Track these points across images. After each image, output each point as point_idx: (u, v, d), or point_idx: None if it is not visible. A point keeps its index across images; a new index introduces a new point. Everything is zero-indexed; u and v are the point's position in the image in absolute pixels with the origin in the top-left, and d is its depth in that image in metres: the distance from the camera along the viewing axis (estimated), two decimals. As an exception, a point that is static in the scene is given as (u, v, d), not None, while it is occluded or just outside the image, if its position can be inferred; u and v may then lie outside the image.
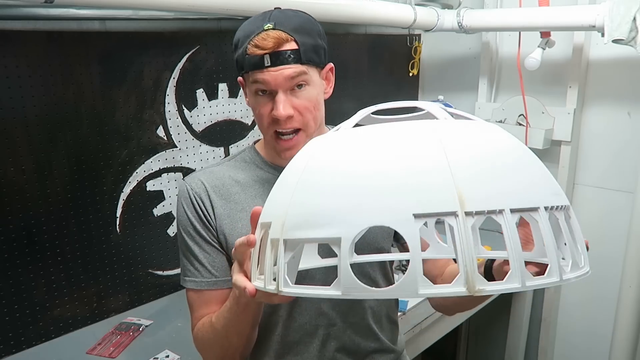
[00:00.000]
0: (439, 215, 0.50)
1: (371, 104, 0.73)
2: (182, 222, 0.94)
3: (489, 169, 0.53)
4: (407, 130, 0.56)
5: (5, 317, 1.35)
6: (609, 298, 1.94)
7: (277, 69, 0.82)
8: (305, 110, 0.87)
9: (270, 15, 0.85)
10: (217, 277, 0.92)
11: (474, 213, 0.49)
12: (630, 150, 1.88)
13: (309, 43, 0.85)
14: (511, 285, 0.49)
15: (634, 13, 1.53)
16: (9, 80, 1.27)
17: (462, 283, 0.48)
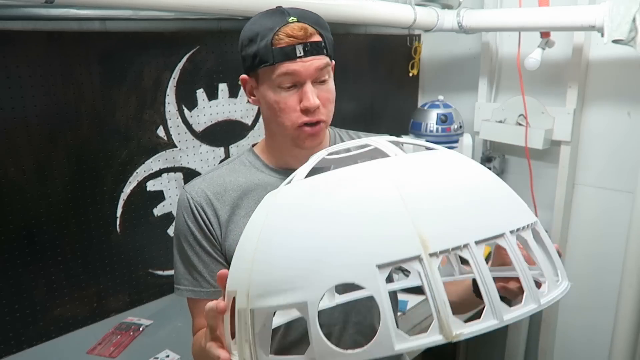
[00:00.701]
0: (403, 262, 0.47)
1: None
2: (182, 231, 0.93)
3: (448, 204, 0.51)
4: (359, 175, 0.54)
5: (5, 317, 1.35)
6: (608, 298, 1.94)
7: (309, 59, 0.82)
8: (328, 102, 0.87)
9: (287, 10, 0.84)
10: (216, 287, 0.91)
11: (439, 253, 0.47)
12: (630, 150, 1.88)
13: (328, 37, 0.86)
14: (488, 323, 0.47)
15: (634, 13, 1.53)
16: (9, 80, 1.28)
17: (437, 331, 0.46)
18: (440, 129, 2.10)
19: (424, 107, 2.17)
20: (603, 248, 2.01)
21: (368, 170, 0.54)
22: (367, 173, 0.54)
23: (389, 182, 0.51)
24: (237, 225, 0.92)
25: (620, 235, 1.89)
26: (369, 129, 1.10)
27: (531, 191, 2.10)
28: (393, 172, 0.53)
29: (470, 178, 0.56)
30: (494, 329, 0.48)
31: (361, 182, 0.53)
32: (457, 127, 2.12)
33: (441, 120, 2.10)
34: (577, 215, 2.08)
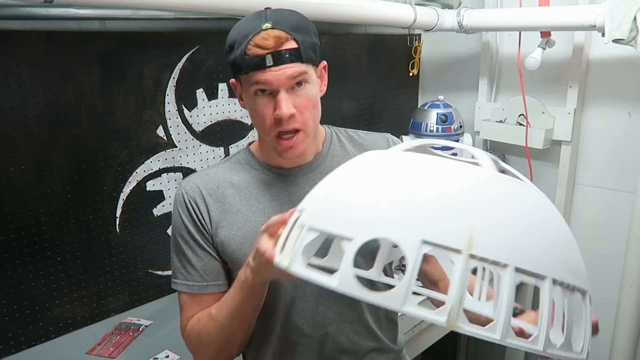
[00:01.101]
0: (446, 249, 0.51)
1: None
2: (177, 226, 0.95)
3: (509, 224, 0.54)
4: (450, 167, 0.59)
5: (5, 317, 1.35)
6: (609, 298, 1.94)
7: (279, 68, 0.81)
8: (305, 109, 0.86)
9: (266, 15, 0.83)
10: (208, 281, 0.93)
11: (478, 258, 0.51)
12: (631, 150, 1.88)
13: (307, 41, 0.84)
14: (490, 334, 0.51)
15: (634, 13, 1.53)
16: (9, 80, 1.28)
17: (446, 314, 0.50)
18: (440, 129, 2.09)
19: (424, 107, 2.17)
20: (603, 248, 2.01)
21: (460, 167, 0.59)
22: (458, 170, 0.59)
23: (470, 184, 0.56)
24: (228, 222, 0.92)
25: (620, 235, 1.89)
26: (369, 129, 1.10)
27: (531, 191, 2.10)
28: (477, 179, 0.57)
29: (545, 216, 0.59)
30: (492, 341, 0.51)
31: (449, 173, 0.58)
32: (457, 127, 2.12)
33: (441, 120, 2.10)
34: (577, 215, 2.08)
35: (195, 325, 0.92)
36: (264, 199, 0.94)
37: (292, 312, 0.94)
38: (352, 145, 1.02)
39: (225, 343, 0.91)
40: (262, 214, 0.93)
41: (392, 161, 0.63)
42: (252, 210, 0.93)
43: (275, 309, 0.94)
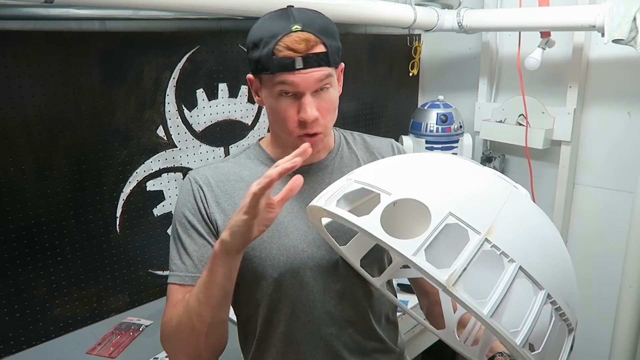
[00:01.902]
0: (467, 226, 0.59)
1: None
2: (178, 213, 0.94)
3: (527, 234, 0.63)
4: (500, 176, 0.70)
5: (5, 317, 1.35)
6: (609, 298, 1.94)
7: (308, 71, 0.82)
8: (327, 113, 0.87)
9: (293, 15, 0.83)
10: (202, 272, 0.89)
11: (492, 245, 0.58)
12: (631, 150, 1.88)
13: (334, 45, 0.85)
14: (480, 307, 0.55)
15: (634, 13, 1.53)
16: (9, 80, 1.28)
17: (447, 274, 0.55)
18: (440, 129, 2.09)
19: (424, 107, 2.17)
20: (603, 248, 2.01)
21: (507, 180, 0.70)
22: (506, 180, 0.70)
23: (508, 191, 0.66)
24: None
25: (620, 235, 1.89)
26: (369, 129, 1.10)
27: (531, 191, 2.10)
28: (514, 193, 0.66)
29: (558, 248, 0.66)
30: (477, 316, 0.55)
31: (498, 178, 0.69)
32: (457, 127, 2.12)
33: (441, 120, 2.10)
34: (577, 215, 2.08)
35: (170, 311, 0.88)
36: (273, 195, 0.94)
37: (297, 310, 0.94)
38: (359, 147, 1.03)
39: (192, 331, 0.85)
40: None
41: (441, 158, 0.74)
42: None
43: (281, 306, 0.94)
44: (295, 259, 0.92)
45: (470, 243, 0.57)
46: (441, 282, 0.55)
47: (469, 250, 0.57)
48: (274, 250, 0.92)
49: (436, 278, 0.55)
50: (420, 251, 0.57)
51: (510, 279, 0.57)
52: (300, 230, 0.93)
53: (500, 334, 0.55)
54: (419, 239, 0.58)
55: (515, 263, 0.58)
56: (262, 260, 0.92)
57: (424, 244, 0.57)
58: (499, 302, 0.56)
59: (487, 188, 0.66)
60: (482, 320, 0.55)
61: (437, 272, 0.55)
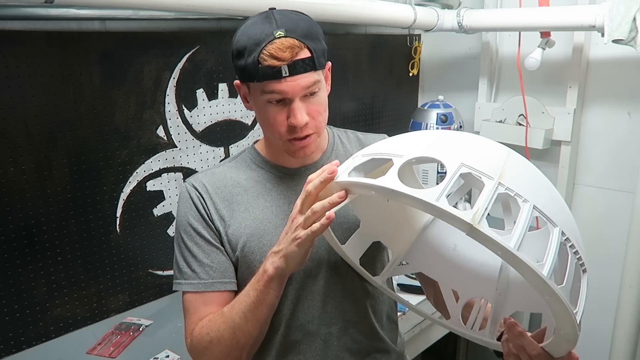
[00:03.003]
0: (480, 173, 0.63)
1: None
2: (182, 223, 0.93)
3: (535, 179, 0.68)
4: (488, 140, 0.74)
5: (5, 317, 1.35)
6: (609, 298, 1.94)
7: (295, 78, 0.81)
8: (317, 115, 0.87)
9: (275, 19, 0.82)
10: (215, 278, 0.90)
11: (506, 187, 0.62)
12: (630, 150, 1.88)
13: (319, 48, 0.84)
14: (506, 242, 0.57)
15: (634, 13, 1.53)
16: (9, 80, 1.28)
17: (471, 214, 0.57)
18: (440, 129, 2.09)
19: (424, 107, 2.17)
20: (603, 248, 2.01)
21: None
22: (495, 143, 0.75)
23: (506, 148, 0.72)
24: (236, 220, 0.92)
25: (620, 235, 1.88)
26: (369, 129, 1.10)
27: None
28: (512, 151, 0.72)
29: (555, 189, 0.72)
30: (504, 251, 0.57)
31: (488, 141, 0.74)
32: (457, 127, 2.12)
33: (441, 120, 2.10)
34: (577, 215, 2.07)
35: (205, 325, 0.87)
36: (271, 197, 0.95)
37: (298, 310, 0.94)
38: (353, 145, 1.03)
39: (236, 345, 0.85)
40: (270, 212, 0.93)
41: (440, 130, 0.79)
42: (259, 209, 0.93)
43: (281, 307, 0.94)
44: None
45: (486, 187, 0.61)
46: (466, 221, 0.57)
47: (487, 192, 0.60)
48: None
49: (461, 218, 0.57)
50: (442, 197, 0.59)
51: (527, 216, 0.60)
52: None
53: (529, 265, 0.56)
54: (437, 187, 0.60)
55: (529, 202, 0.61)
56: (262, 261, 0.92)
57: (444, 190, 0.60)
58: (522, 237, 0.58)
59: (489, 145, 0.71)
60: (509, 254, 0.56)
61: (461, 213, 0.57)
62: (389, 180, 0.64)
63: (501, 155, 0.68)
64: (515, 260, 0.57)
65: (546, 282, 0.57)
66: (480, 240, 0.58)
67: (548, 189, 0.69)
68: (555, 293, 0.58)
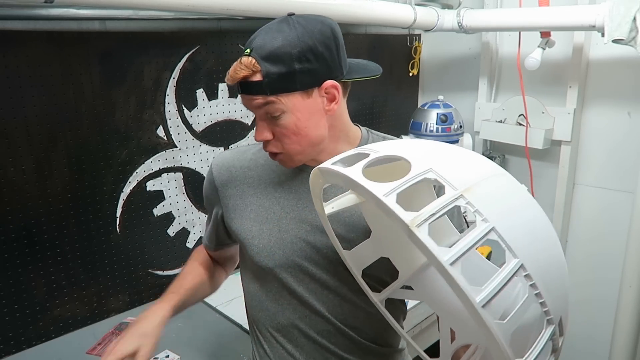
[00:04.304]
0: (445, 182, 0.59)
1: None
2: (204, 193, 1.08)
3: (514, 210, 0.61)
4: (479, 156, 0.70)
5: (5, 317, 1.35)
6: (609, 298, 1.94)
7: (247, 97, 0.85)
8: (283, 137, 0.87)
9: (265, 31, 0.84)
10: (208, 245, 1.14)
11: (467, 202, 0.57)
12: (631, 150, 1.88)
13: (275, 72, 0.81)
14: (441, 254, 0.52)
15: (634, 13, 1.53)
16: (9, 80, 1.28)
17: (412, 215, 0.55)
18: (440, 129, 2.09)
19: (424, 107, 2.17)
20: (603, 248, 2.01)
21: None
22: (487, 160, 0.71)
23: (503, 172, 0.67)
24: (244, 203, 0.97)
25: (620, 235, 1.88)
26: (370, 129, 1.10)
27: (531, 191, 2.10)
28: (499, 170, 0.67)
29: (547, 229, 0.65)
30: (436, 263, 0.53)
31: (477, 156, 0.70)
32: (457, 127, 2.12)
33: (441, 120, 2.10)
34: (577, 215, 2.08)
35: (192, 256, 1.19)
36: (282, 190, 0.96)
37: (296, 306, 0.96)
38: None
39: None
40: (277, 203, 0.95)
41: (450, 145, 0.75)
42: (267, 197, 0.96)
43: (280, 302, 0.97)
44: (292, 255, 0.93)
45: (444, 196, 0.57)
46: (405, 222, 0.54)
47: (441, 200, 0.56)
48: (271, 242, 0.94)
49: (401, 217, 0.54)
50: (392, 194, 0.57)
51: (479, 235, 0.54)
52: (302, 229, 0.94)
53: (460, 287, 0.51)
54: (393, 183, 0.58)
55: (488, 223, 0.55)
56: (260, 249, 0.95)
57: (397, 188, 0.58)
58: (461, 252, 0.52)
59: (480, 165, 0.66)
60: (441, 268, 0.52)
61: (403, 213, 0.55)
62: (351, 170, 0.63)
63: (485, 175, 0.63)
64: (448, 277, 0.52)
65: (477, 311, 0.51)
66: (417, 246, 0.54)
67: (532, 225, 0.61)
68: (487, 327, 0.52)
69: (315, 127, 0.89)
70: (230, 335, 1.47)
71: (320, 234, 0.92)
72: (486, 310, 0.52)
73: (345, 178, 0.63)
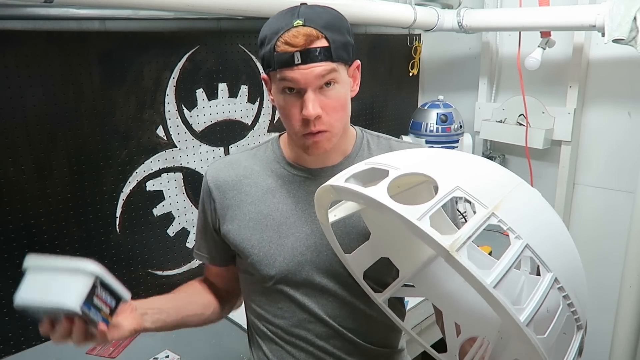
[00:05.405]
0: (474, 199, 0.59)
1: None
2: (200, 202, 1.03)
3: (539, 220, 0.62)
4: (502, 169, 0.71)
5: (5, 317, 1.35)
6: (609, 298, 1.94)
7: (308, 66, 0.80)
8: (333, 111, 0.85)
9: (299, 11, 0.82)
10: (204, 255, 1.07)
11: (499, 219, 0.57)
12: (631, 150, 1.88)
13: (339, 40, 0.82)
14: (483, 276, 0.52)
15: (634, 13, 1.53)
16: (9, 80, 1.27)
17: (451, 240, 0.54)
18: (440, 129, 2.09)
19: (424, 107, 2.17)
20: (603, 248, 2.01)
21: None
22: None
23: (519, 180, 0.67)
24: (241, 211, 0.94)
25: (620, 235, 1.89)
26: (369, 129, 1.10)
27: (531, 191, 2.10)
28: (524, 183, 0.67)
29: (568, 240, 0.66)
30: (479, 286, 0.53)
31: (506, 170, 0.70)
32: (457, 127, 2.12)
33: (441, 120, 2.10)
34: (577, 215, 2.08)
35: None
36: (280, 195, 0.94)
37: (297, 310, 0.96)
38: (382, 152, 0.98)
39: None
40: (276, 209, 0.94)
41: (459, 152, 0.75)
42: (265, 204, 0.94)
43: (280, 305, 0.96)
44: (292, 260, 0.92)
45: (477, 215, 0.56)
46: (444, 247, 0.53)
47: (475, 220, 0.56)
48: (272, 249, 0.92)
49: (439, 242, 0.53)
50: (425, 217, 0.56)
51: (516, 254, 0.55)
52: (301, 234, 0.93)
53: (504, 307, 0.52)
54: (424, 205, 0.57)
55: (522, 240, 0.56)
56: (260, 257, 0.93)
57: (429, 210, 0.56)
58: (503, 274, 0.53)
59: (497, 174, 0.66)
60: (485, 291, 0.52)
61: (440, 237, 0.54)
62: (376, 191, 0.61)
63: (507, 186, 0.63)
64: (491, 299, 0.52)
65: (522, 329, 0.53)
66: (457, 270, 0.54)
67: (553, 231, 0.64)
68: (531, 343, 0.53)
69: (349, 107, 0.90)
70: (230, 335, 1.47)
71: (320, 236, 0.92)
72: (530, 328, 0.53)
73: (368, 199, 0.61)
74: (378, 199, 0.59)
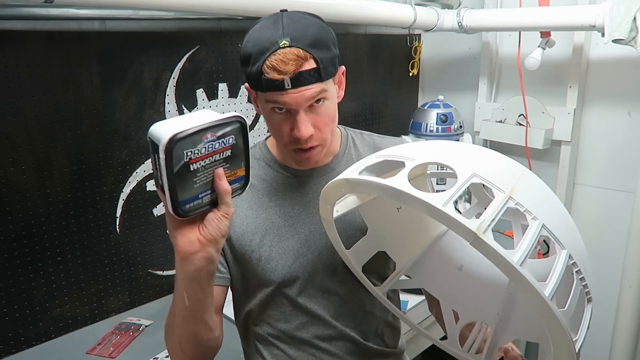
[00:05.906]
0: (491, 185, 0.61)
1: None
2: None
3: (547, 200, 0.66)
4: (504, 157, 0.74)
5: (5, 317, 1.35)
6: (609, 298, 1.94)
7: (298, 90, 0.78)
8: (324, 126, 0.84)
9: (283, 24, 0.78)
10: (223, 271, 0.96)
11: (516, 202, 0.60)
12: (631, 150, 1.88)
13: (327, 58, 0.80)
14: (510, 256, 0.55)
15: (634, 13, 1.53)
16: (9, 80, 1.27)
17: (477, 223, 0.56)
18: (440, 129, 2.09)
19: (424, 107, 2.17)
20: (603, 248, 2.01)
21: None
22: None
23: (522, 166, 0.70)
24: (239, 217, 0.93)
25: (620, 235, 1.88)
26: (369, 129, 1.10)
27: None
28: (527, 169, 0.70)
29: (568, 214, 0.71)
30: (506, 265, 0.55)
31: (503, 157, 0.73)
32: (457, 127, 2.12)
33: (441, 120, 2.10)
34: (577, 215, 2.08)
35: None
36: (276, 197, 0.94)
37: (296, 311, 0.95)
38: (368, 149, 1.00)
39: (171, 336, 0.86)
40: (274, 212, 0.93)
41: (460, 143, 0.76)
42: (263, 208, 0.94)
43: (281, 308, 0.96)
44: (295, 262, 0.92)
45: (496, 199, 0.59)
46: (472, 230, 0.55)
47: (496, 204, 0.59)
48: (273, 253, 0.92)
49: (467, 226, 0.55)
50: (449, 203, 0.58)
51: (535, 234, 0.58)
52: (301, 235, 0.93)
53: (530, 283, 0.55)
54: (446, 193, 0.59)
55: (538, 220, 0.60)
56: (262, 262, 0.92)
57: (452, 197, 0.59)
58: (527, 253, 0.56)
59: (504, 162, 0.70)
60: (512, 269, 0.54)
61: (467, 221, 0.56)
62: (398, 181, 0.62)
63: (515, 172, 0.67)
64: (517, 277, 0.55)
65: (547, 303, 0.55)
66: (484, 252, 0.56)
67: (560, 212, 0.68)
68: (555, 316, 0.56)
69: (336, 116, 0.90)
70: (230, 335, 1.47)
71: (319, 236, 0.92)
72: (553, 302, 0.57)
73: (391, 189, 0.62)
74: (403, 188, 0.61)
